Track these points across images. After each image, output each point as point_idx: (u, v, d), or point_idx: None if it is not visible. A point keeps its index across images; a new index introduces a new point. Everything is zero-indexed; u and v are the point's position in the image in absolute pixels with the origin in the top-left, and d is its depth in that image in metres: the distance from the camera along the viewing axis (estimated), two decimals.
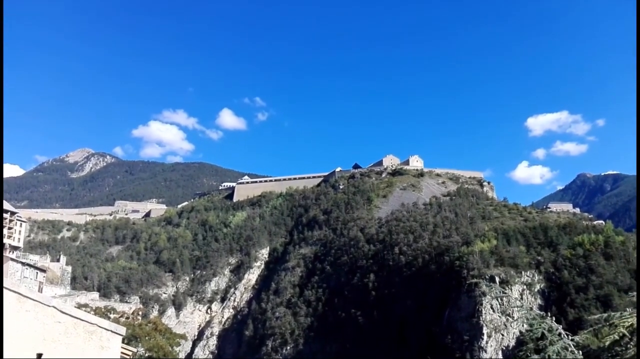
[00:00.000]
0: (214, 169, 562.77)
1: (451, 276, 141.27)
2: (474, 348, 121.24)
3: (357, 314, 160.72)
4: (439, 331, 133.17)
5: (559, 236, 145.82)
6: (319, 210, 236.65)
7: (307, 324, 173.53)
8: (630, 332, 6.72)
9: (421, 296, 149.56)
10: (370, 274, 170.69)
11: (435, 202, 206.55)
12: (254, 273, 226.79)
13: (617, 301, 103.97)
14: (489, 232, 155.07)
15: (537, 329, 8.32)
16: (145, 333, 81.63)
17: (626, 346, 7.26)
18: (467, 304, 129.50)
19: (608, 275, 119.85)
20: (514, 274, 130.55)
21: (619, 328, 6.67)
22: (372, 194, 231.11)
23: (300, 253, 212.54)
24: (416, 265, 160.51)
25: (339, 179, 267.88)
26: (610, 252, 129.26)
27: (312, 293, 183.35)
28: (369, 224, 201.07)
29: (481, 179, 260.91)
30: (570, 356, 8.00)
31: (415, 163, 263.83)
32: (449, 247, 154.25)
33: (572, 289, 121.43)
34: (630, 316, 6.68)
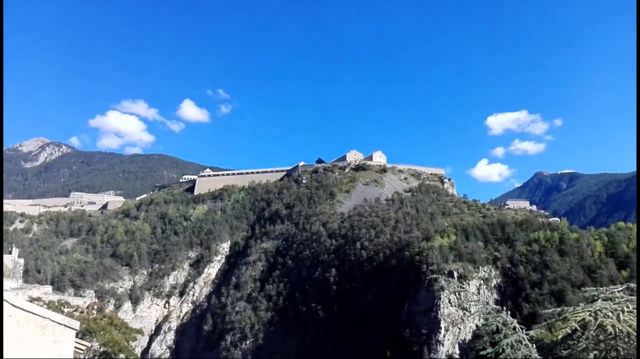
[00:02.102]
0: (174, 161, 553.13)
1: (411, 271, 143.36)
2: (432, 342, 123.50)
3: (317, 308, 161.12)
4: (398, 325, 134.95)
5: (515, 232, 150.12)
6: (282, 204, 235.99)
7: (267, 318, 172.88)
8: (582, 326, 6.55)
9: (381, 290, 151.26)
10: (332, 269, 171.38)
11: (397, 198, 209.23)
12: (214, 267, 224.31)
13: (570, 297, 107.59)
14: (448, 228, 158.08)
15: (492, 323, 8.16)
16: (100, 328, 79.16)
17: (578, 340, 7.13)
18: (426, 298, 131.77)
19: (562, 271, 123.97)
20: (471, 269, 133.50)
21: (571, 322, 6.49)
22: (335, 189, 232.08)
23: (262, 247, 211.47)
24: (377, 260, 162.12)
25: (302, 173, 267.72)
26: (564, 249, 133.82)
27: (273, 287, 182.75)
28: (332, 219, 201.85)
29: (442, 176, 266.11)
30: (525, 349, 7.84)
31: (379, 159, 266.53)
32: (409, 242, 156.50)
33: (527, 284, 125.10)
34: (583, 311, 6.52)
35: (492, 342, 8.97)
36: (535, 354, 7.74)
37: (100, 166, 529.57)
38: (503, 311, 8.35)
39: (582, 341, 6.73)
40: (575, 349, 6.98)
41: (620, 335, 6.12)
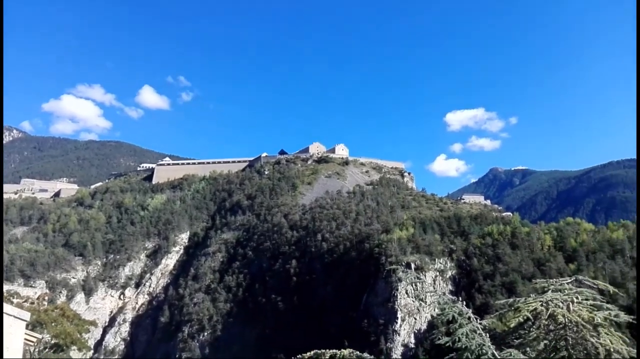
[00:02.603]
0: (132, 148, 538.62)
1: (370, 263, 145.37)
2: (389, 332, 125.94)
3: (277, 299, 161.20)
4: (356, 315, 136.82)
5: (470, 225, 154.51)
6: (243, 195, 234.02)
7: (226, 310, 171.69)
8: (534, 316, 6.86)
9: (341, 282, 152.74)
10: (293, 260, 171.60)
11: (358, 191, 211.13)
12: (172, 257, 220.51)
13: (520, 288, 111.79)
14: (407, 221, 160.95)
15: (448, 313, 8.41)
16: (51, 319, 76.85)
17: (529, 329, 7.45)
18: (384, 289, 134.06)
19: (513, 263, 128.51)
20: (428, 261, 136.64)
21: (523, 311, 6.79)
22: (297, 180, 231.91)
23: (222, 238, 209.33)
24: (337, 252, 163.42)
25: (265, 164, 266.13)
26: (516, 242, 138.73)
27: (233, 278, 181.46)
28: (293, 211, 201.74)
29: (402, 170, 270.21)
30: (479, 338, 8.13)
31: (341, 152, 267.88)
32: (369, 234, 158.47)
33: (481, 276, 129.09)
34: (535, 301, 6.83)
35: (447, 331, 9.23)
36: (489, 343, 8.03)
37: (54, 152, 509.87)
38: (459, 301, 8.62)
39: (534, 331, 7.03)
40: (526, 338, 7.29)
41: (569, 325, 6.44)
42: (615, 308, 6.91)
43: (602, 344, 6.29)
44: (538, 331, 6.88)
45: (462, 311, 8.42)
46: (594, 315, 6.45)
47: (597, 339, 6.44)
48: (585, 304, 6.65)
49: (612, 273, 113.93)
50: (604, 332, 6.45)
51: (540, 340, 6.87)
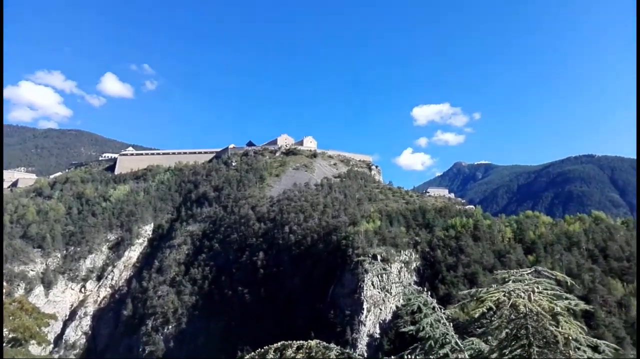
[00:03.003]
0: (93, 138, 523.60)
1: (337, 255, 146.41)
2: (355, 322, 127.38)
3: (244, 292, 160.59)
4: (323, 307, 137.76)
5: (435, 218, 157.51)
6: (210, 186, 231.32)
7: (191, 302, 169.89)
8: (496, 305, 7.07)
9: (308, 273, 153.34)
10: (260, 252, 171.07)
11: (326, 183, 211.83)
12: (136, 250, 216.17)
13: (482, 279, 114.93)
14: (374, 213, 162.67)
15: (414, 303, 8.57)
16: (9, 313, 74.27)
17: (491, 319, 7.66)
18: (351, 281, 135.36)
19: (475, 255, 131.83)
20: (394, 253, 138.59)
21: (487, 301, 6.98)
22: (265, 172, 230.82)
23: (188, 230, 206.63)
24: (305, 244, 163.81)
25: (232, 155, 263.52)
26: (478, 235, 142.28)
27: (199, 271, 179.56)
28: (261, 203, 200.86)
29: (370, 163, 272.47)
30: (442, 328, 8.31)
31: (309, 144, 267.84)
32: (337, 227, 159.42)
33: (444, 267, 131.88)
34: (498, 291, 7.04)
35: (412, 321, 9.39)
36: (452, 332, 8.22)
37: (11, 141, 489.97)
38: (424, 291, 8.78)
39: (496, 320, 7.24)
40: (489, 327, 7.50)
41: (530, 314, 6.66)
42: (575, 298, 7.18)
43: (561, 333, 6.53)
44: (500, 321, 7.10)
45: (427, 301, 8.60)
46: (554, 304, 6.69)
47: (556, 328, 6.67)
48: (545, 294, 6.88)
49: (568, 264, 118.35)
50: (564, 321, 6.70)
51: (502, 329, 7.09)
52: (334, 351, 7.77)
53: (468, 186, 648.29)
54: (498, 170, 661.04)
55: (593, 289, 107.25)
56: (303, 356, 7.81)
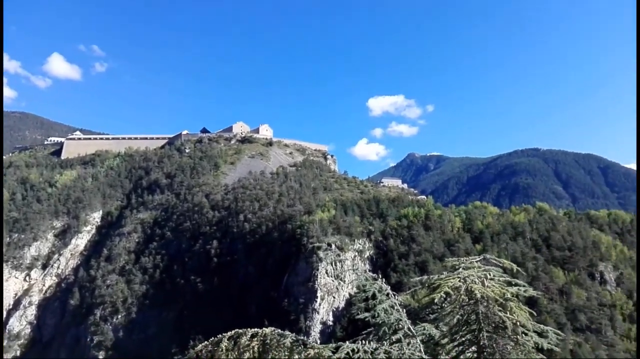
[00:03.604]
0: (39, 120, 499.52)
1: (292, 244, 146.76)
2: (308, 310, 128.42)
3: (197, 280, 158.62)
4: (277, 295, 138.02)
5: (388, 208, 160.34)
6: (162, 173, 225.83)
7: (142, 292, 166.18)
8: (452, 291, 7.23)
9: (263, 262, 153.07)
10: (213, 241, 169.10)
11: (282, 172, 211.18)
12: (83, 238, 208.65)
13: (432, 267, 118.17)
14: (329, 202, 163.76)
15: (369, 290, 8.66)
16: None
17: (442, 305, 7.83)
18: (305, 269, 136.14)
19: (426, 244, 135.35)
20: (348, 242, 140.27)
21: (443, 287, 7.13)
22: (220, 160, 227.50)
23: (138, 218, 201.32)
24: (260, 232, 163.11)
25: (185, 142, 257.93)
26: (429, 224, 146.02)
27: (150, 259, 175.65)
28: (215, 191, 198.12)
29: (325, 152, 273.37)
30: (396, 314, 8.43)
31: (265, 132, 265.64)
32: (292, 215, 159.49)
33: (396, 255, 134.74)
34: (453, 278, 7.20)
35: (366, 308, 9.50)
36: (405, 318, 8.35)
37: None
38: (379, 278, 8.88)
39: (448, 306, 7.41)
40: (441, 313, 7.66)
41: (481, 300, 6.85)
42: (525, 284, 7.44)
43: (509, 318, 6.75)
44: (452, 307, 7.27)
45: (382, 287, 8.70)
46: (506, 291, 6.90)
47: (504, 314, 6.89)
48: (497, 281, 7.09)
49: (513, 253, 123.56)
50: (514, 307, 6.92)
51: (454, 315, 7.27)
52: (288, 338, 7.74)
53: (421, 176, 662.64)
54: (449, 162, 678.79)
55: (536, 277, 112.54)
56: (258, 343, 7.74)
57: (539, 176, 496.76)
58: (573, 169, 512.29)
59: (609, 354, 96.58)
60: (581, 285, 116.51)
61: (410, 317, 8.83)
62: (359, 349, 7.85)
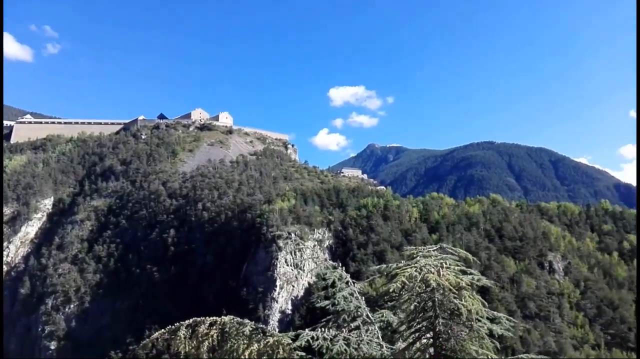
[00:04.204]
0: None
1: (251, 233, 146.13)
2: (267, 299, 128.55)
3: (153, 269, 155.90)
4: (235, 284, 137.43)
5: (348, 198, 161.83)
6: (117, 160, 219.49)
7: (95, 281, 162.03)
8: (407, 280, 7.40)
9: (221, 251, 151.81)
10: (171, 230, 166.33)
11: (242, 161, 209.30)
12: (34, 225, 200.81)
13: (390, 256, 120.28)
14: (289, 192, 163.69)
15: (330, 277, 8.76)
16: None
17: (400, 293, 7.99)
18: (264, 258, 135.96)
19: (384, 234, 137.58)
20: (308, 231, 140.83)
21: (400, 276, 7.29)
22: (178, 147, 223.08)
23: (92, 205, 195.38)
24: (219, 221, 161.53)
25: (142, 128, 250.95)
26: (387, 214, 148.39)
27: (104, 248, 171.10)
28: (173, 178, 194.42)
29: (286, 142, 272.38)
30: (355, 301, 8.57)
31: (225, 120, 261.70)
32: (251, 205, 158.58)
33: (355, 245, 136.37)
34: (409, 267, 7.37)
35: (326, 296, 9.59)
36: (364, 306, 8.49)
37: None
38: (339, 266, 8.99)
39: (405, 294, 7.58)
40: (398, 301, 7.83)
41: (437, 288, 7.04)
42: (478, 273, 7.70)
43: (464, 306, 6.97)
44: (409, 294, 7.45)
45: (342, 275, 8.80)
46: (460, 279, 7.11)
47: (460, 301, 7.11)
48: (452, 270, 7.31)
49: (467, 242, 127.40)
50: (468, 295, 7.15)
51: (411, 302, 7.46)
52: (248, 326, 7.72)
53: (380, 167, 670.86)
54: (408, 153, 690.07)
55: (489, 266, 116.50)
56: (216, 332, 7.68)
57: (493, 169, 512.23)
58: (525, 162, 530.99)
59: (556, 341, 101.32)
60: (531, 274, 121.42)
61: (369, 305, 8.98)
62: (318, 337, 7.93)
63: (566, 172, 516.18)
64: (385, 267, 8.16)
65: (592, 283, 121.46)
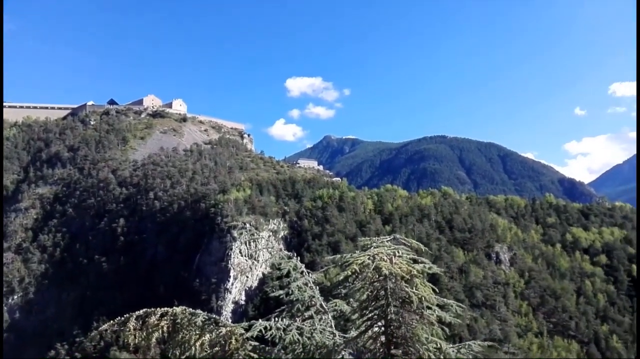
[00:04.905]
0: None
1: (205, 223, 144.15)
2: (220, 290, 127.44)
3: (101, 260, 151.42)
4: (188, 275, 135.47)
5: (304, 189, 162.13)
6: (64, 146, 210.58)
7: (40, 271, 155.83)
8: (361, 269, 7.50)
9: (173, 241, 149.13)
10: (120, 219, 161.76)
11: (196, 149, 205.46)
12: None
13: (344, 247, 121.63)
14: (244, 182, 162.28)
15: (284, 267, 8.75)
16: None
17: (353, 281, 8.09)
18: (218, 249, 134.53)
19: (339, 225, 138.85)
20: (263, 222, 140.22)
21: (353, 264, 7.37)
22: (129, 134, 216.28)
23: (37, 193, 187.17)
24: (171, 211, 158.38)
25: (91, 114, 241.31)
26: (343, 206, 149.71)
27: (49, 237, 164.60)
28: (123, 166, 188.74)
29: (242, 131, 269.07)
30: (309, 291, 8.61)
31: (179, 107, 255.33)
32: (205, 194, 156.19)
33: (310, 236, 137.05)
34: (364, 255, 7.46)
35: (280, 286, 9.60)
36: (318, 295, 8.54)
37: None
38: (294, 256, 9.01)
39: (358, 282, 7.67)
40: (352, 289, 7.92)
41: (390, 276, 7.16)
42: (429, 262, 7.89)
43: (415, 293, 7.13)
44: (362, 283, 7.54)
45: (296, 265, 8.82)
46: (412, 268, 7.26)
47: (411, 289, 7.27)
48: (405, 258, 7.45)
49: (419, 234, 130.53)
50: (419, 283, 7.32)
51: (364, 291, 7.55)
52: (200, 316, 7.62)
53: (336, 159, 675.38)
54: (364, 145, 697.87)
55: (439, 257, 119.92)
56: (168, 323, 7.53)
57: (445, 162, 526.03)
58: (476, 156, 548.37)
59: (502, 329, 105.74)
60: (479, 264, 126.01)
61: (323, 294, 9.05)
62: (271, 327, 7.92)
63: (514, 166, 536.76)
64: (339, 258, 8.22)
65: (536, 273, 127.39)
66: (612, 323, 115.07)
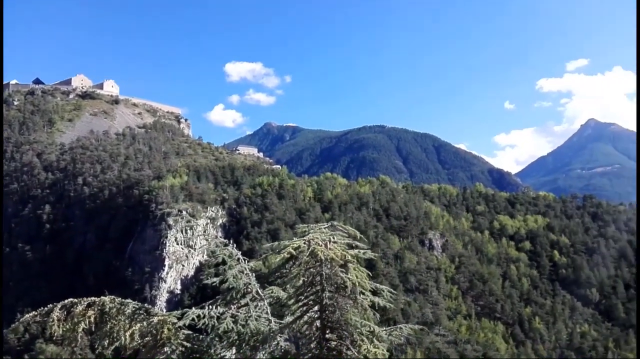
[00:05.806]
0: None
1: (139, 210, 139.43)
2: (155, 279, 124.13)
3: (25, 249, 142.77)
4: (120, 264, 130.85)
5: (243, 176, 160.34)
6: None
7: None
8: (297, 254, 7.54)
9: (104, 229, 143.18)
10: (46, 206, 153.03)
11: (129, 133, 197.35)
12: None
13: (284, 234, 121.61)
14: (181, 168, 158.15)
15: (219, 255, 8.64)
16: None
17: (290, 268, 8.12)
18: (152, 237, 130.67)
19: (279, 212, 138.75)
20: (200, 209, 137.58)
21: (288, 248, 7.40)
22: (56, 116, 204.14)
23: None
24: (102, 197, 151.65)
25: (14, 93, 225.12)
26: (282, 193, 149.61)
27: None
28: (49, 150, 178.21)
29: (179, 115, 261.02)
30: (245, 278, 8.56)
31: (111, 88, 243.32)
32: (139, 180, 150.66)
33: (249, 223, 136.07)
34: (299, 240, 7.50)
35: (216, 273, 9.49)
36: (254, 282, 8.51)
37: None
38: (230, 244, 8.89)
39: (295, 269, 7.70)
40: (288, 276, 7.95)
41: (325, 262, 7.23)
42: (365, 246, 8.05)
43: (349, 279, 7.26)
44: (298, 269, 7.59)
45: (232, 253, 8.72)
46: (347, 253, 7.38)
47: (345, 275, 7.39)
48: (340, 244, 7.55)
49: (358, 221, 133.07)
50: (353, 268, 7.45)
51: (300, 277, 7.60)
52: (130, 306, 7.37)
53: (277, 146, 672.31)
54: (304, 133, 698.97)
55: (376, 244, 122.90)
56: (95, 313, 7.22)
57: (383, 151, 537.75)
58: (412, 146, 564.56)
59: (433, 312, 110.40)
60: (413, 251, 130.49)
61: (260, 281, 9.04)
62: (205, 315, 7.81)
63: (447, 157, 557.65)
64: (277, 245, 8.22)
65: (465, 258, 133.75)
66: (534, 305, 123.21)
